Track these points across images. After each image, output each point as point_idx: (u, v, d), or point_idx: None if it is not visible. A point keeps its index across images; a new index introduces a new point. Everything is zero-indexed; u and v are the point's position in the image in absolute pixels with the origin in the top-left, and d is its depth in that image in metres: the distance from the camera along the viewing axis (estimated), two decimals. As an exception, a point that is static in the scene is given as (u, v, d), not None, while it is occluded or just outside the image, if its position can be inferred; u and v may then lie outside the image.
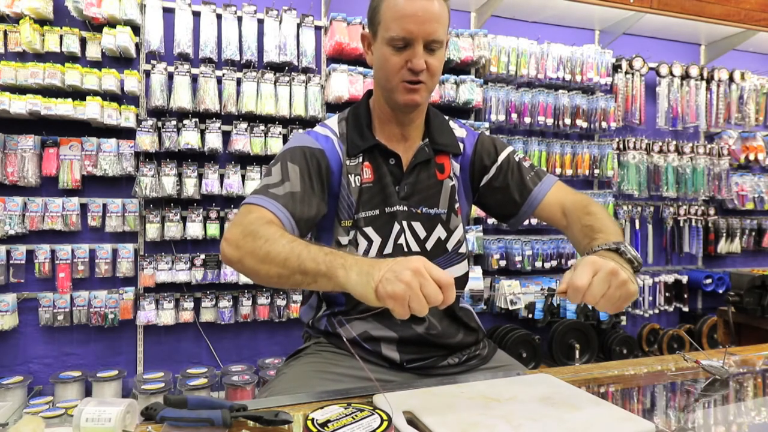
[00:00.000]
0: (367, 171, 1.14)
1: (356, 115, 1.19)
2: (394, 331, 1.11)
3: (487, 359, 1.22)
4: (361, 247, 1.13)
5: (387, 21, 1.04)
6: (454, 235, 1.19)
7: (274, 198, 1.01)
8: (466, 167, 1.22)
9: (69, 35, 2.60)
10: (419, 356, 1.13)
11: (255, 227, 0.94)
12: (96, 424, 0.70)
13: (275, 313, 2.86)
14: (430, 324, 1.14)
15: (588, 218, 1.08)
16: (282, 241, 0.89)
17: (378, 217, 1.13)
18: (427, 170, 1.17)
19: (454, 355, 1.17)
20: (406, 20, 1.02)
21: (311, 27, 2.91)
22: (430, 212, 1.16)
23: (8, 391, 2.43)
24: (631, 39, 3.69)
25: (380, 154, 1.15)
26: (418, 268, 0.73)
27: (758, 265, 4.05)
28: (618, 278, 0.79)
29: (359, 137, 1.15)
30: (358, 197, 1.13)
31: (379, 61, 1.09)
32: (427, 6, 1.02)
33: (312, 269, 0.83)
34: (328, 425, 0.70)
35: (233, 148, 2.74)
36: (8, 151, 2.54)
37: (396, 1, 1.03)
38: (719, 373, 1.02)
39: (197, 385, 2.53)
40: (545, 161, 3.31)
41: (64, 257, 2.61)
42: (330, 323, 1.16)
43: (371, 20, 1.10)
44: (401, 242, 1.14)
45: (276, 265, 0.87)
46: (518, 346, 3.03)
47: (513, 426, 0.73)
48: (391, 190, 1.14)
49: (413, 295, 0.72)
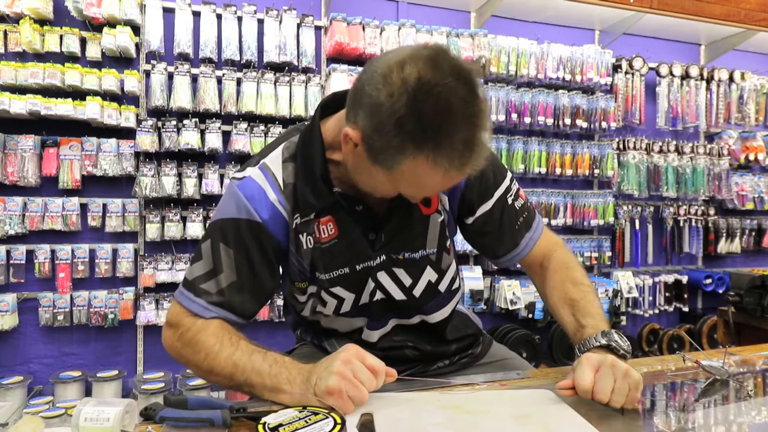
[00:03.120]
0: (328, 227, 0.95)
1: (307, 157, 0.93)
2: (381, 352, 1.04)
3: (481, 356, 1.21)
4: (330, 305, 1.01)
5: (404, 173, 0.78)
6: (447, 274, 1.06)
7: (206, 298, 0.91)
8: (455, 199, 1.04)
9: (69, 35, 2.60)
10: (408, 367, 1.11)
11: (192, 336, 0.89)
12: (95, 424, 0.70)
13: (275, 313, 2.85)
14: (420, 357, 1.11)
15: (573, 290, 1.01)
16: (224, 354, 0.85)
17: (348, 275, 0.98)
18: (408, 207, 0.97)
19: (444, 359, 1.16)
20: (428, 190, 0.87)
21: (311, 27, 2.91)
22: (415, 256, 1.00)
23: (8, 391, 2.43)
24: (631, 39, 3.69)
25: (343, 204, 0.94)
26: (348, 357, 0.76)
27: (758, 265, 4.05)
28: (620, 370, 0.80)
29: (312, 194, 0.92)
30: (317, 257, 0.96)
31: (365, 176, 0.85)
32: (461, 177, 0.80)
33: (258, 383, 0.84)
34: (280, 429, 0.70)
35: (233, 148, 2.74)
36: (8, 151, 2.54)
37: (426, 172, 0.76)
38: (719, 373, 1.02)
39: (197, 385, 2.53)
40: (545, 161, 3.31)
41: (64, 257, 2.61)
42: (313, 341, 1.16)
43: (373, 138, 0.76)
44: (378, 298, 1.01)
45: (223, 379, 0.88)
46: (518, 346, 3.03)
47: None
48: (362, 245, 0.96)
49: (348, 385, 0.75)
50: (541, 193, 3.32)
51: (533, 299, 3.20)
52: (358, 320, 1.06)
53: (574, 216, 3.41)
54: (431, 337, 1.11)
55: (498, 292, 3.21)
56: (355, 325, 1.06)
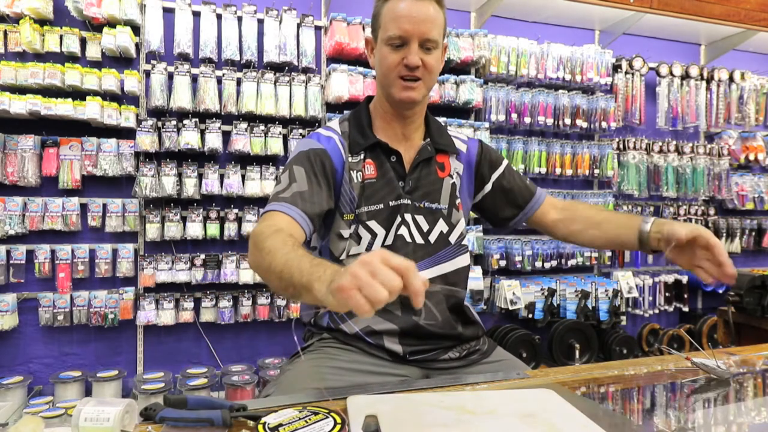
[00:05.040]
0: (370, 167, 1.20)
1: (357, 116, 1.26)
2: (395, 324, 1.14)
3: (487, 354, 1.25)
4: (364, 240, 1.17)
5: (386, 23, 1.14)
6: (456, 228, 1.24)
7: (284, 201, 1.09)
8: (471, 166, 1.31)
9: (69, 35, 2.60)
10: (421, 348, 1.16)
11: (261, 239, 0.98)
12: (95, 424, 0.70)
13: (275, 313, 2.86)
14: (429, 314, 1.17)
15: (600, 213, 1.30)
16: (281, 252, 0.91)
17: (381, 210, 1.18)
18: (429, 167, 1.24)
19: (455, 349, 1.20)
20: (402, 20, 1.12)
21: (311, 27, 2.91)
22: (432, 207, 1.22)
23: (8, 391, 2.43)
24: (631, 39, 3.69)
25: (382, 152, 1.21)
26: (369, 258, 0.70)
27: (758, 265, 4.05)
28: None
29: (361, 136, 1.21)
30: (361, 192, 1.18)
31: (379, 61, 1.17)
32: (422, 8, 1.12)
33: (297, 282, 0.84)
34: (280, 429, 0.70)
35: (233, 148, 2.74)
36: (8, 151, 2.54)
37: (394, 5, 1.13)
38: (719, 373, 1.02)
39: (197, 385, 2.53)
40: (545, 161, 3.31)
41: (64, 257, 2.61)
42: (332, 320, 1.19)
43: (373, 26, 1.20)
44: (403, 233, 1.19)
45: (276, 278, 0.90)
46: (518, 346, 3.03)
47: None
48: (396, 184, 1.20)
49: (363, 284, 0.67)
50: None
51: (533, 299, 3.20)
52: None
53: (574, 216, 3.40)
54: (444, 304, 1.20)
55: (498, 292, 3.21)
56: None
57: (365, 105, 1.29)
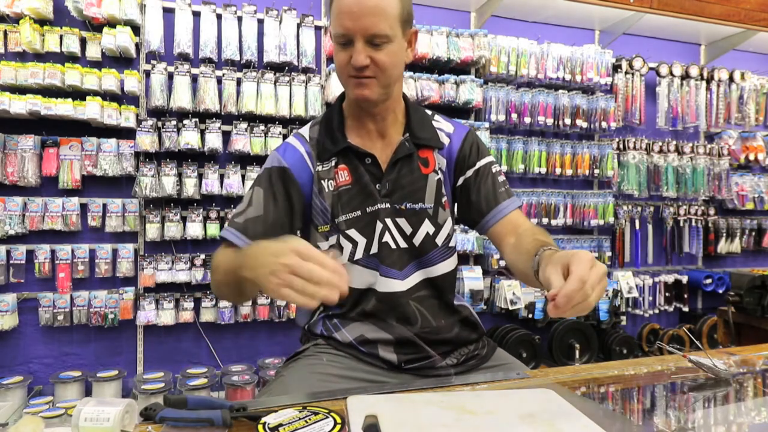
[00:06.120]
0: (344, 174, 1.14)
1: (329, 118, 1.19)
2: (390, 333, 1.11)
3: (486, 358, 1.21)
4: (346, 250, 1.13)
5: (333, 19, 1.05)
6: (443, 229, 1.17)
7: (235, 227, 1.09)
8: (452, 161, 1.20)
9: (69, 35, 2.60)
10: (416, 356, 1.13)
11: (215, 263, 1.07)
12: (95, 424, 0.70)
13: (275, 313, 2.85)
14: (424, 322, 1.14)
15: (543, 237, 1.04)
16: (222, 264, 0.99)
17: (360, 218, 1.13)
18: (409, 165, 1.15)
19: (452, 354, 1.16)
20: (343, 17, 1.02)
21: (311, 27, 2.91)
22: (416, 207, 1.15)
23: (8, 391, 2.43)
24: (631, 39, 3.69)
25: (355, 156, 1.14)
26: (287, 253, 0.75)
27: (758, 265, 4.05)
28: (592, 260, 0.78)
29: (330, 141, 1.15)
30: (336, 201, 1.13)
31: (337, 59, 1.08)
32: (362, 1, 1.00)
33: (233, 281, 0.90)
34: (280, 429, 0.70)
35: (233, 148, 2.74)
36: (8, 151, 2.54)
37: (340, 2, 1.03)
38: (719, 373, 1.02)
39: (197, 385, 2.53)
40: (545, 161, 3.31)
41: (64, 257, 2.61)
42: (326, 327, 1.17)
43: (328, 17, 1.19)
44: (386, 240, 1.13)
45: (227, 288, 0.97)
46: (518, 346, 3.03)
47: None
48: (371, 189, 1.13)
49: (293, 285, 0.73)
50: (541, 193, 3.32)
51: (533, 299, 3.20)
52: (369, 274, 1.14)
53: (574, 216, 3.41)
54: (437, 308, 1.16)
55: (498, 292, 3.21)
56: (367, 280, 1.14)
57: (338, 104, 1.20)
